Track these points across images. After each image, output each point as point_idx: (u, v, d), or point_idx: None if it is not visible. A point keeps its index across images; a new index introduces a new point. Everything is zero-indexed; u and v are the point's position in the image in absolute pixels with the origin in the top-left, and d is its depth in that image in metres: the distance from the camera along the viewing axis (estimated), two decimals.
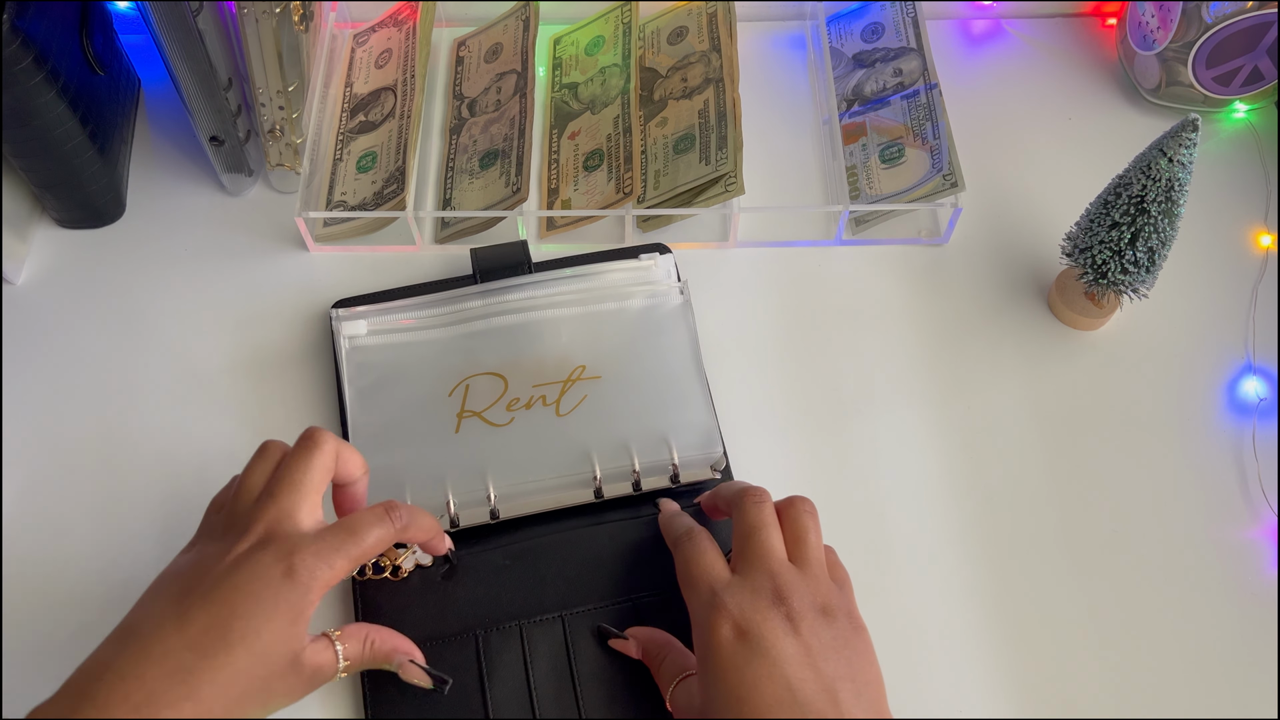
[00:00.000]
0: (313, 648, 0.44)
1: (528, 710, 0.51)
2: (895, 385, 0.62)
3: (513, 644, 0.52)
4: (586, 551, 0.55)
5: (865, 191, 0.67)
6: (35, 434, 0.61)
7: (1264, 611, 0.55)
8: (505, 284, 0.62)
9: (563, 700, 0.51)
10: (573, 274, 0.62)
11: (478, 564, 0.55)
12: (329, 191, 0.68)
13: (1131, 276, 0.58)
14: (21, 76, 0.58)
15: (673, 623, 0.52)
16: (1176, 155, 0.53)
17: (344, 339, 0.60)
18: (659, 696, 0.49)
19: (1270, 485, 0.59)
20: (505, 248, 0.64)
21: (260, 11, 0.61)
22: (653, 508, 0.56)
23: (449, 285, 0.63)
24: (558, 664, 0.52)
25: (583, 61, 0.74)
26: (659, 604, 0.53)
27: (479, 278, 0.63)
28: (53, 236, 0.68)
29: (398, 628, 0.50)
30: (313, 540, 0.43)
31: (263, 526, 0.43)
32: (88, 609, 0.56)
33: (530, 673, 0.52)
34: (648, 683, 0.51)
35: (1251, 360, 0.63)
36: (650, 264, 0.63)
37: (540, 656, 0.52)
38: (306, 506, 0.45)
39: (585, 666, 0.52)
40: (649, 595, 0.53)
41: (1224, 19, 0.65)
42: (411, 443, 0.57)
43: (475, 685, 0.51)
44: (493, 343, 0.60)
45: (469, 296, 0.61)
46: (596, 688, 0.51)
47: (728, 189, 0.64)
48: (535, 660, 0.52)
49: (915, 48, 0.71)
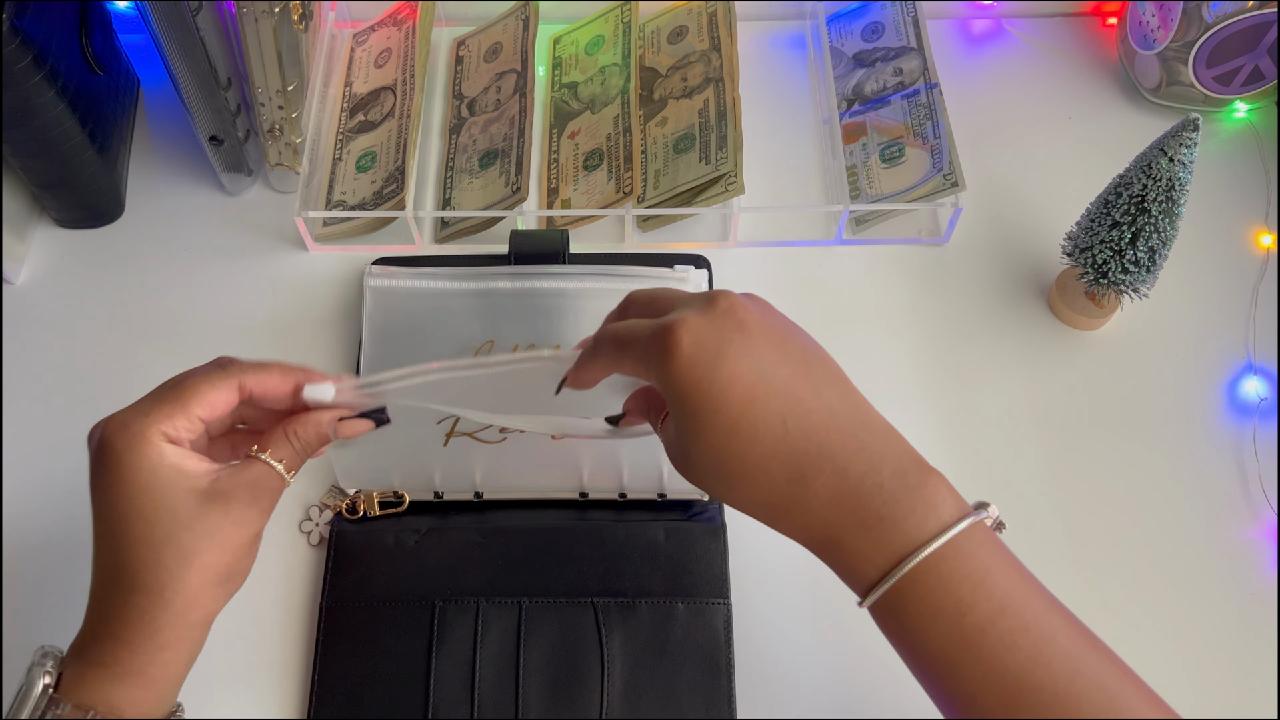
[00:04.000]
0: (228, 474, 0.42)
1: (468, 687, 0.52)
2: (895, 385, 0.62)
3: (467, 619, 0.53)
4: (559, 545, 0.55)
5: (865, 191, 0.67)
6: (35, 434, 0.61)
7: (1264, 611, 0.55)
8: (537, 269, 0.61)
9: (503, 684, 0.52)
10: (606, 271, 0.62)
11: (450, 535, 0.55)
12: (328, 191, 0.68)
13: (1132, 276, 0.58)
14: (21, 76, 0.58)
15: (635, 628, 0.53)
16: (1177, 155, 0.53)
17: (370, 283, 0.61)
18: (594, 705, 0.51)
19: (1270, 485, 0.58)
20: (545, 234, 0.64)
21: (260, 11, 0.61)
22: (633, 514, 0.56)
23: (484, 262, 0.63)
24: (506, 648, 0.52)
25: (582, 61, 0.74)
26: (623, 607, 0.53)
27: (513, 259, 0.63)
28: (52, 236, 0.68)
29: (364, 585, 0.53)
30: (123, 411, 0.42)
31: (97, 432, 0.42)
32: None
33: (478, 651, 0.52)
34: (588, 689, 0.51)
35: (1252, 360, 0.63)
36: (684, 275, 0.61)
37: (491, 638, 0.53)
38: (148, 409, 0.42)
39: (532, 657, 0.52)
40: (613, 599, 0.54)
41: (1224, 18, 0.64)
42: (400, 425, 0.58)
43: (423, 653, 0.52)
44: (513, 320, 0.60)
45: (499, 276, 0.61)
46: (538, 680, 0.52)
47: (728, 189, 0.64)
48: (485, 640, 0.53)
49: (915, 47, 0.71)
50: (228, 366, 0.44)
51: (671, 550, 0.55)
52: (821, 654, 0.54)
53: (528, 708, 0.51)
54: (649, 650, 0.52)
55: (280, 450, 0.44)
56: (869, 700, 0.53)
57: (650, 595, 0.53)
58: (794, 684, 0.54)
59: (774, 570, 0.56)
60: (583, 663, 0.52)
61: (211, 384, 0.43)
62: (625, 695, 0.51)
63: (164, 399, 0.42)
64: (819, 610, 0.55)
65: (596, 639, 0.53)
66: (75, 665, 0.40)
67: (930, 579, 0.37)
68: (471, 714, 0.51)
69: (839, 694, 0.53)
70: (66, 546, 0.57)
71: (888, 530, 0.38)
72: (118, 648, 0.40)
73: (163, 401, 0.42)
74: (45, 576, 0.57)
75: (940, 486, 0.39)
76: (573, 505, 0.57)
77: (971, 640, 0.36)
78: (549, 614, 0.53)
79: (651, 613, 0.53)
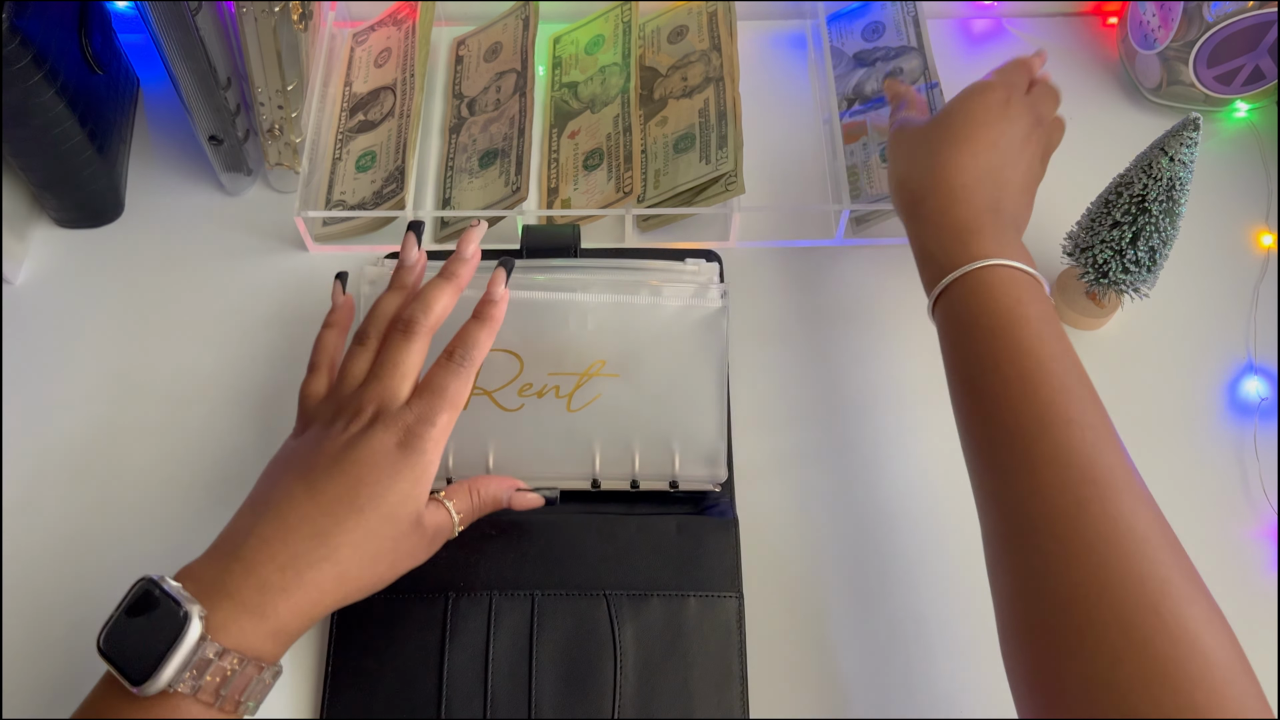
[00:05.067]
0: (429, 509, 0.48)
1: (481, 680, 0.52)
2: (896, 384, 0.62)
3: (480, 612, 0.53)
4: (572, 539, 0.55)
5: (866, 191, 0.67)
6: (35, 434, 0.61)
7: (1264, 611, 0.55)
8: (547, 263, 0.62)
9: (516, 677, 0.52)
10: (616, 264, 0.62)
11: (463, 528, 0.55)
12: (328, 191, 0.68)
13: (1133, 276, 0.57)
14: (20, 76, 0.57)
15: (647, 621, 0.53)
16: (1178, 154, 0.53)
17: (366, 284, 0.61)
18: (607, 699, 0.51)
19: (1271, 485, 0.58)
20: (557, 228, 0.64)
21: (259, 10, 0.61)
22: (644, 507, 0.56)
23: (494, 255, 0.63)
24: (519, 641, 0.52)
25: (582, 60, 0.74)
26: (635, 601, 0.53)
27: (525, 253, 0.63)
28: (51, 236, 0.68)
29: None
30: (412, 410, 0.47)
31: (373, 407, 0.47)
32: (88, 608, 0.55)
33: (491, 644, 0.52)
34: (600, 682, 0.51)
35: (1253, 360, 0.63)
36: (695, 268, 0.62)
37: (504, 630, 0.53)
38: (408, 386, 0.48)
39: (545, 650, 0.52)
40: (624, 592, 0.54)
41: (1225, 18, 0.64)
42: None
43: (436, 645, 0.52)
44: (517, 318, 0.60)
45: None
46: (551, 673, 0.52)
47: (728, 188, 0.64)
48: (498, 633, 0.53)
49: (916, 46, 0.71)
50: (462, 364, 0.49)
51: (683, 543, 0.55)
52: (832, 649, 0.54)
53: (541, 700, 0.51)
54: (661, 643, 0.52)
55: (461, 502, 0.50)
56: (880, 696, 0.53)
57: (662, 588, 0.53)
58: (805, 679, 0.54)
59: (785, 564, 0.56)
60: (595, 656, 0.52)
61: (461, 389, 0.49)
62: (638, 688, 0.51)
63: (439, 407, 0.48)
64: (830, 604, 0.55)
65: (609, 632, 0.53)
66: (225, 607, 0.42)
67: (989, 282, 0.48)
68: (484, 707, 0.51)
69: (850, 691, 0.53)
70: (66, 545, 0.57)
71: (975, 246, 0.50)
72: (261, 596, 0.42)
73: (442, 412, 0.48)
74: (45, 576, 0.57)
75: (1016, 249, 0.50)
76: (584, 497, 0.57)
77: (1012, 322, 0.46)
78: (561, 607, 0.53)
79: (663, 606, 0.53)
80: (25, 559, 0.57)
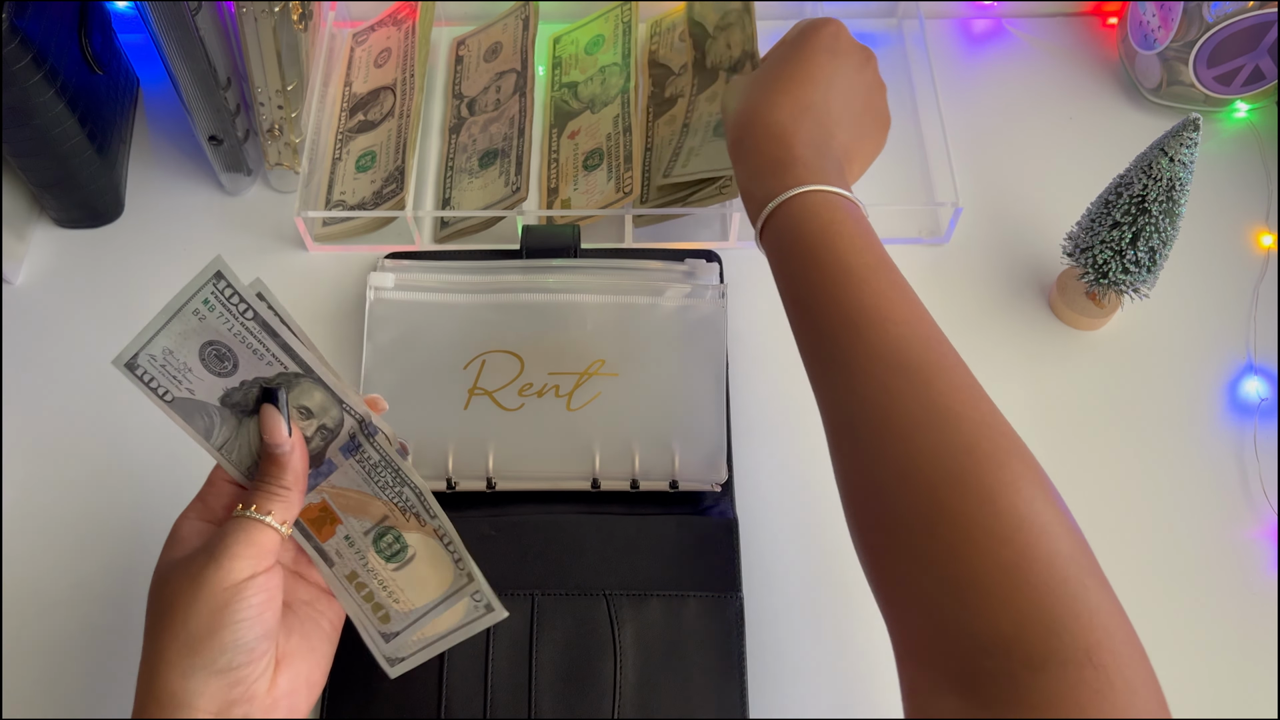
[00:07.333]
0: (227, 564, 0.41)
1: (481, 680, 0.52)
2: None
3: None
4: (571, 539, 0.55)
5: None
6: (35, 434, 0.61)
7: (1264, 611, 0.55)
8: (548, 264, 0.62)
9: (516, 677, 0.52)
10: (615, 264, 0.62)
11: (463, 528, 0.55)
12: (328, 191, 0.68)
13: (1133, 276, 0.57)
14: (20, 75, 0.57)
15: (647, 621, 0.52)
16: (1178, 155, 0.53)
17: (371, 289, 0.61)
18: (606, 699, 0.51)
19: (1270, 485, 0.58)
20: (557, 229, 0.64)
21: (259, 11, 0.61)
22: (644, 507, 0.56)
23: (494, 256, 0.64)
24: (519, 641, 0.52)
25: (582, 60, 0.74)
26: (635, 601, 0.53)
27: (525, 254, 0.63)
28: (51, 236, 0.68)
29: None
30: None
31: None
32: (88, 609, 0.55)
33: (491, 644, 0.52)
34: (600, 682, 0.51)
35: (1252, 360, 0.63)
36: (694, 269, 0.62)
37: (504, 631, 0.53)
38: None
39: (545, 650, 0.52)
40: (624, 592, 0.54)
41: (1225, 18, 0.64)
42: (421, 407, 0.58)
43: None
44: (517, 318, 0.60)
45: (510, 270, 0.62)
46: (551, 673, 0.52)
47: (722, 190, 0.64)
48: (498, 633, 0.53)
49: None
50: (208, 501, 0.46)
51: (683, 543, 0.55)
52: (832, 649, 0.54)
53: (541, 700, 0.51)
54: (661, 643, 0.52)
55: (279, 511, 0.43)
56: (879, 695, 0.53)
57: (662, 589, 0.53)
58: (804, 678, 0.54)
59: (784, 564, 0.56)
60: (595, 656, 0.52)
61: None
62: (638, 688, 0.51)
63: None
64: (829, 604, 0.55)
65: (609, 632, 0.53)
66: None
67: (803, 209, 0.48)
68: (485, 707, 0.51)
69: (849, 689, 0.53)
70: (66, 545, 0.57)
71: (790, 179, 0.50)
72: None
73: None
74: (45, 575, 0.57)
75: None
76: (584, 498, 0.57)
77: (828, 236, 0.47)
78: (561, 607, 0.53)
79: (663, 606, 0.53)
80: (25, 558, 0.57)
